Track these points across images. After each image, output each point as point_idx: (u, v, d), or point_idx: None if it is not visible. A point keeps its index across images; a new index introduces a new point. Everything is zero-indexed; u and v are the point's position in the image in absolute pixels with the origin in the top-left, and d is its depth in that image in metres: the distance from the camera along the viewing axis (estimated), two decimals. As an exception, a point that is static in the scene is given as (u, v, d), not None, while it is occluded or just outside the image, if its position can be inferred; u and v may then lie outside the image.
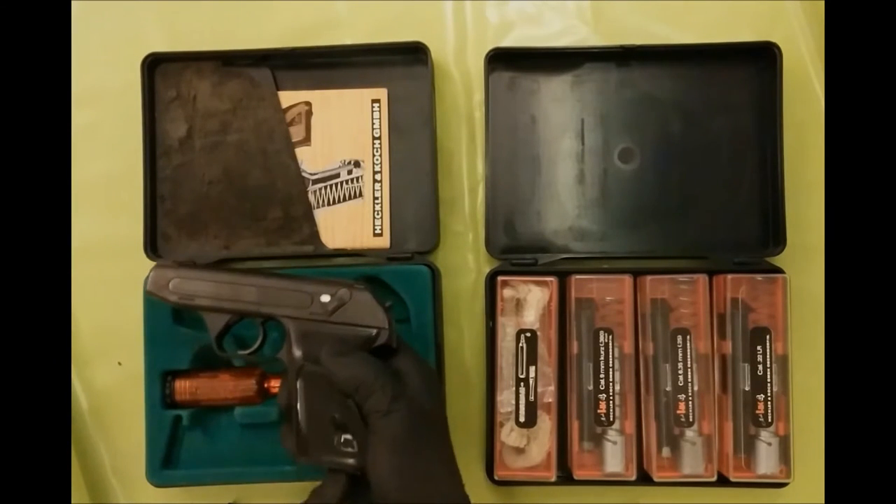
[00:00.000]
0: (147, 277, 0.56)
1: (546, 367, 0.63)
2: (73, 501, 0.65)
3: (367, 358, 0.51)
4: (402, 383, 0.51)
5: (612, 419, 0.63)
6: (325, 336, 0.53)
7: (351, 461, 0.50)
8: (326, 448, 0.51)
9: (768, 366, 0.62)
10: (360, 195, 0.67)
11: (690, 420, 0.62)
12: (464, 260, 0.69)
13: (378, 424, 0.49)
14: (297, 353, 0.53)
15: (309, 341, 0.53)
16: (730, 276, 0.63)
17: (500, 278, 0.64)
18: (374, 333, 0.53)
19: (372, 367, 0.50)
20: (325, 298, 0.54)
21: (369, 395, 0.49)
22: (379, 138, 0.67)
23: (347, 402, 0.50)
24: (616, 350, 0.63)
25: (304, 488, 0.66)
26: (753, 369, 0.62)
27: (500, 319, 0.64)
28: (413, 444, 0.48)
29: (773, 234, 0.65)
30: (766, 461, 0.62)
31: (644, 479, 0.63)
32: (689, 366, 0.63)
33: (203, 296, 0.55)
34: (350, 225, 0.67)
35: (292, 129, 0.67)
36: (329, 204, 0.67)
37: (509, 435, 0.63)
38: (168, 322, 0.64)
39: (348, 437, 0.50)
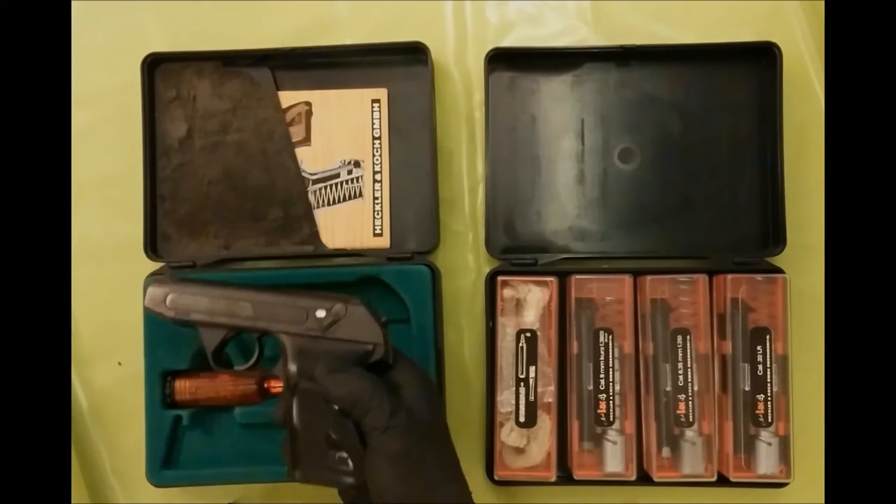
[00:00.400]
0: (144, 293, 0.56)
1: (546, 367, 0.63)
2: (73, 501, 0.65)
3: (363, 374, 0.51)
4: (399, 397, 0.50)
5: (612, 419, 0.63)
6: (320, 352, 0.52)
7: (347, 480, 0.50)
8: (321, 465, 0.50)
9: (768, 366, 0.62)
10: (360, 195, 0.67)
11: (690, 420, 0.62)
12: (464, 260, 0.69)
13: (378, 441, 0.48)
14: (293, 368, 0.52)
15: (304, 357, 0.52)
16: (730, 276, 0.63)
17: (500, 278, 0.64)
18: (369, 349, 0.52)
19: (368, 383, 0.50)
20: (321, 314, 0.53)
21: (367, 412, 0.48)
22: (379, 138, 0.67)
23: (342, 420, 0.50)
24: (616, 350, 0.63)
25: (304, 489, 0.67)
26: (753, 369, 0.62)
27: (500, 319, 0.64)
28: (414, 457, 0.48)
29: (773, 234, 0.65)
30: (766, 461, 0.62)
31: (644, 479, 0.63)
32: (689, 366, 0.63)
33: (199, 311, 0.55)
34: (350, 225, 0.67)
35: (292, 129, 0.67)
36: (329, 204, 0.67)
37: (509, 435, 0.63)
38: (168, 322, 0.64)
39: (343, 454, 0.50)
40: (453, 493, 0.49)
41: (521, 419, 0.63)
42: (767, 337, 0.63)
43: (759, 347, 0.63)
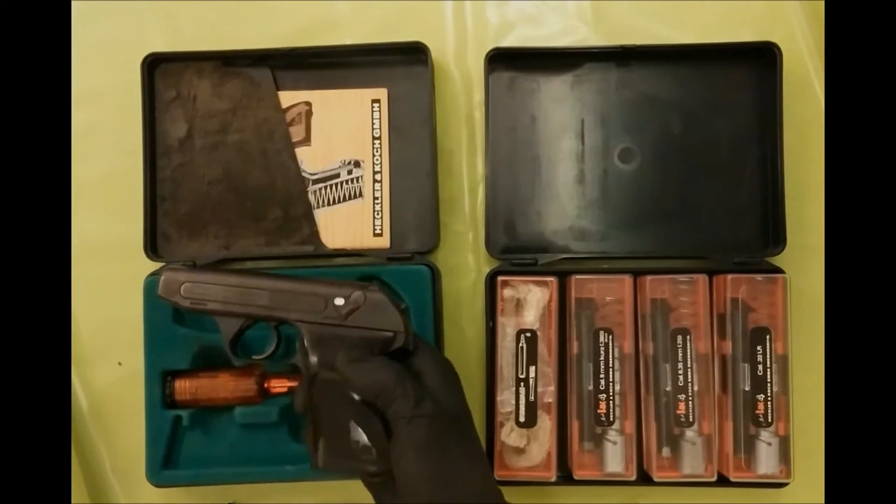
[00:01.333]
0: (157, 281, 0.55)
1: (546, 367, 0.63)
2: (73, 501, 0.65)
3: (386, 362, 0.50)
4: (422, 384, 0.50)
5: (612, 419, 0.63)
6: (340, 340, 0.52)
7: (370, 468, 0.49)
8: (345, 454, 0.50)
9: (768, 366, 0.62)
10: (360, 195, 0.67)
11: (690, 420, 0.62)
12: (464, 260, 0.69)
13: (404, 431, 0.47)
14: (313, 358, 0.51)
15: (324, 346, 0.52)
16: (730, 276, 0.63)
17: (500, 278, 0.64)
18: (390, 336, 0.52)
19: (391, 371, 0.49)
20: (339, 301, 0.52)
21: (391, 401, 0.48)
22: (379, 138, 0.67)
23: (364, 409, 0.49)
24: (616, 350, 0.63)
25: (304, 488, 0.67)
26: (753, 369, 0.62)
27: (500, 319, 0.64)
28: (440, 445, 0.48)
29: (773, 234, 0.65)
30: (766, 461, 0.62)
31: (644, 479, 0.63)
32: (689, 366, 0.63)
33: (215, 300, 0.54)
34: (350, 225, 0.67)
35: (292, 129, 0.67)
36: (329, 204, 0.67)
37: (509, 435, 0.63)
38: (168, 322, 0.64)
39: (366, 443, 0.49)
40: (478, 480, 0.49)
41: (521, 419, 0.63)
42: (767, 337, 0.63)
43: (759, 347, 0.63)
